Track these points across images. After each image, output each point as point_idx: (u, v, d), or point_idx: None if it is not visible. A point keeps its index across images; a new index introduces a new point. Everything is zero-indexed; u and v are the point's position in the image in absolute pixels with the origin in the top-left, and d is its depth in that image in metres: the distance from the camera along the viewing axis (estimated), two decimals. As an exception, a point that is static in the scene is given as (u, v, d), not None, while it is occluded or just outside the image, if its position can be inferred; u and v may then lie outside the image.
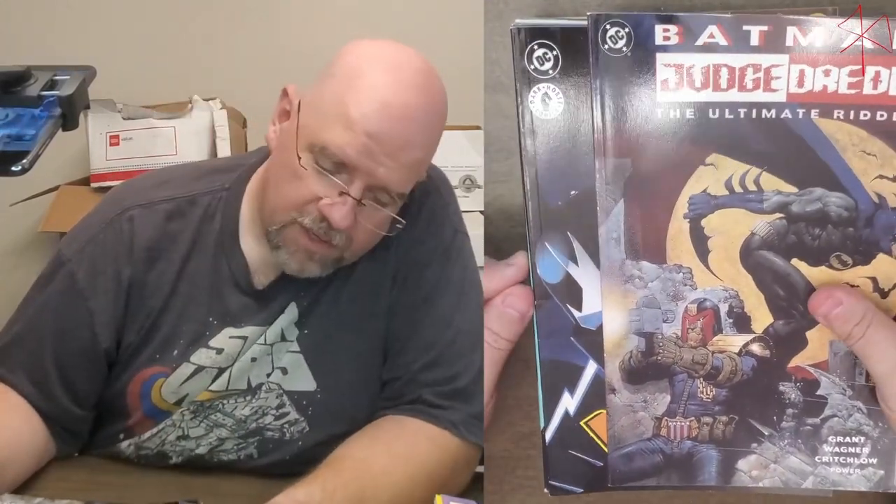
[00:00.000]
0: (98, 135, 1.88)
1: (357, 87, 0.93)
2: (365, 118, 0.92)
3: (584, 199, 0.68)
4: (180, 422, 1.04)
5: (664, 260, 0.69)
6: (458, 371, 1.02)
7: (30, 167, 0.71)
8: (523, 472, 0.78)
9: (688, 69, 0.65)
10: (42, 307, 1.05)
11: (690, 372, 0.72)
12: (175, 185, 1.09)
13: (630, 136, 0.67)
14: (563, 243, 0.70)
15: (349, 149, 0.92)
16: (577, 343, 0.71)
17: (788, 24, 0.63)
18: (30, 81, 0.76)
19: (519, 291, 0.72)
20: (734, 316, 0.70)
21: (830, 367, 0.71)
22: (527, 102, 0.67)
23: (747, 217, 0.68)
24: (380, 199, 0.96)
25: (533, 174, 0.68)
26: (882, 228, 0.67)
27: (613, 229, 0.69)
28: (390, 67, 0.95)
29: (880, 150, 0.65)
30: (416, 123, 0.94)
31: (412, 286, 1.06)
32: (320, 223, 0.95)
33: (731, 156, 0.67)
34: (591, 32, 0.64)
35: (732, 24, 0.64)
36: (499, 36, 0.71)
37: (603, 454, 0.73)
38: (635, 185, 0.68)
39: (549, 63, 0.66)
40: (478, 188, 1.91)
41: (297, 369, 1.04)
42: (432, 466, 0.97)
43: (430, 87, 0.97)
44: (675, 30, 0.64)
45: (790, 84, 0.65)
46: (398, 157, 0.93)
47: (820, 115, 0.65)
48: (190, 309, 1.04)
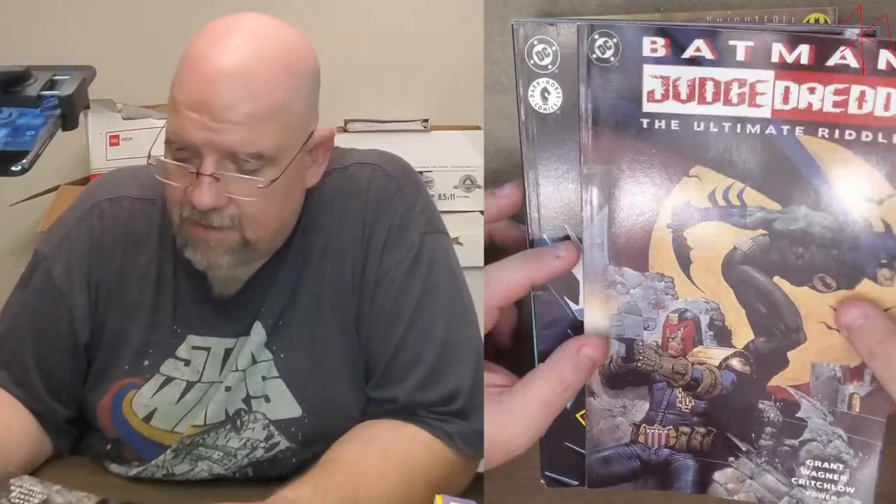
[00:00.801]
0: (98, 135, 1.87)
1: (180, 69, 0.93)
2: (184, 94, 0.91)
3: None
4: (163, 462, 1.02)
5: (647, 268, 0.70)
6: (452, 391, 0.98)
7: (30, 167, 0.72)
8: (523, 472, 0.79)
9: (674, 81, 0.66)
10: (21, 306, 1.05)
11: (670, 381, 0.72)
12: (145, 183, 1.07)
13: (616, 145, 0.68)
14: (562, 236, 0.71)
15: (180, 130, 0.91)
16: (573, 335, 0.72)
17: (774, 41, 0.63)
18: (30, 81, 0.77)
19: (595, 342, 0.71)
20: (714, 329, 0.70)
21: (812, 391, 0.70)
22: (526, 97, 0.68)
23: (730, 231, 0.68)
24: (243, 166, 0.93)
25: (533, 165, 0.70)
26: (867, 253, 0.66)
27: (597, 235, 0.70)
28: (210, 39, 0.93)
29: (865, 171, 0.64)
30: (234, 80, 0.90)
31: (382, 300, 1.01)
32: (193, 210, 0.93)
33: (715, 169, 0.67)
34: (579, 42, 0.66)
35: (719, 38, 0.64)
36: (499, 36, 0.73)
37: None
38: (620, 192, 0.69)
39: (548, 58, 0.67)
40: (478, 188, 1.88)
41: (279, 396, 1.01)
42: (428, 472, 0.95)
43: (255, 43, 0.93)
44: (662, 42, 0.65)
45: (775, 100, 0.64)
46: (226, 117, 0.90)
47: (804, 132, 0.65)
48: (157, 317, 1.03)
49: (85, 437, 1.10)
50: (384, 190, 1.04)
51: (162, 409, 1.03)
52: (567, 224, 0.70)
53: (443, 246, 1.05)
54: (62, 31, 2.04)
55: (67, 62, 0.80)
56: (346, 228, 1.03)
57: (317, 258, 1.03)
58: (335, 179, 1.05)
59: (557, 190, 0.70)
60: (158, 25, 1.99)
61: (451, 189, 1.86)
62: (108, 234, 1.05)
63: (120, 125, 1.88)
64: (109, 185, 1.11)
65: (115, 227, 1.06)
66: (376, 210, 1.03)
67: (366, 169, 1.06)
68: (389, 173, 1.05)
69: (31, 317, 1.05)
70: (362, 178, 1.05)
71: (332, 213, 1.04)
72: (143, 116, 1.89)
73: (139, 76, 1.89)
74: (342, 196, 1.04)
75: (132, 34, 2.03)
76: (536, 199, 0.70)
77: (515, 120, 0.69)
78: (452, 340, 1.00)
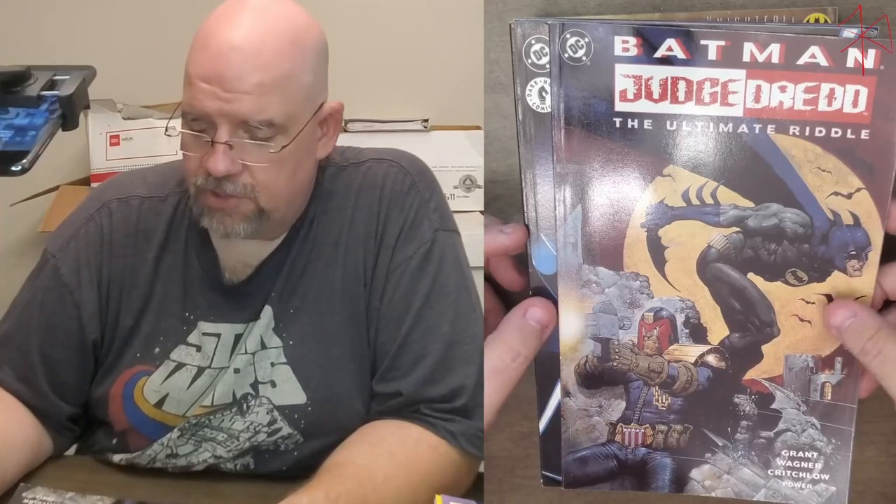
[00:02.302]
0: (98, 135, 1.87)
1: (192, 47, 0.96)
2: (196, 66, 0.95)
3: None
4: (168, 441, 1.04)
5: (621, 267, 0.70)
6: (455, 388, 0.99)
7: (30, 167, 0.72)
8: (523, 471, 0.79)
9: (646, 81, 0.66)
10: (29, 303, 1.07)
11: (646, 379, 0.72)
12: (154, 182, 1.11)
13: (588, 144, 0.68)
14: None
15: (194, 101, 0.95)
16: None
17: (746, 40, 0.64)
18: (30, 81, 0.77)
19: (541, 303, 0.70)
20: (690, 326, 0.71)
21: (785, 382, 0.71)
22: (524, 96, 0.68)
23: (704, 230, 0.69)
24: (255, 133, 0.96)
25: (530, 164, 0.69)
26: (837, 246, 0.67)
27: (571, 234, 0.70)
28: (220, 17, 0.96)
29: (835, 166, 0.65)
30: (242, 52, 0.94)
31: (392, 293, 1.03)
32: (208, 178, 0.96)
33: (688, 168, 0.67)
34: (551, 41, 0.66)
35: (691, 38, 0.65)
36: (499, 36, 0.72)
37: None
38: (593, 191, 0.69)
39: (546, 57, 0.67)
40: (478, 188, 1.89)
41: (286, 382, 1.03)
42: (434, 474, 0.96)
43: (263, 17, 0.96)
44: (633, 41, 0.65)
45: (747, 99, 0.65)
46: (236, 87, 0.93)
47: (776, 130, 0.65)
48: (167, 306, 1.05)
49: (88, 434, 1.10)
50: (399, 185, 1.06)
51: (173, 395, 1.04)
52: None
53: (454, 244, 1.07)
54: (62, 31, 2.02)
55: (67, 62, 0.80)
56: (360, 221, 1.05)
57: (329, 249, 1.05)
58: (351, 173, 1.08)
59: (553, 184, 0.69)
60: (158, 25, 1.98)
61: (451, 189, 1.87)
62: (118, 233, 1.07)
63: (120, 125, 1.88)
64: (118, 185, 1.13)
65: (124, 225, 1.07)
66: (390, 205, 1.05)
67: (382, 164, 1.08)
68: (405, 169, 1.07)
69: (39, 314, 1.06)
70: (378, 173, 1.07)
71: (346, 205, 1.06)
72: (143, 116, 1.88)
73: (139, 76, 1.92)
74: (357, 190, 1.06)
75: (132, 34, 2.02)
76: (534, 198, 0.70)
77: (514, 119, 0.69)
78: (458, 338, 1.01)
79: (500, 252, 0.72)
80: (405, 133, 1.89)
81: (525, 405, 0.77)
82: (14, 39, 1.99)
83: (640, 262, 0.70)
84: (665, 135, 0.67)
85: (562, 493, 0.76)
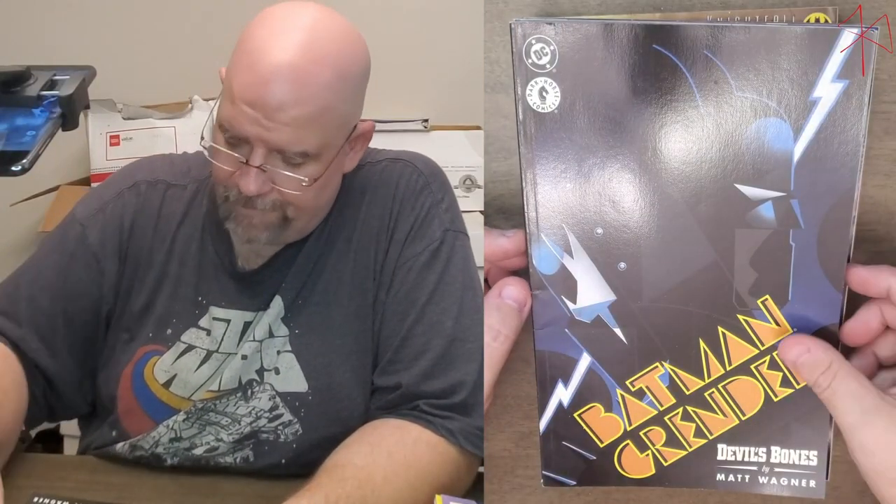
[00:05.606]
0: (98, 135, 1.89)
1: (238, 58, 0.96)
2: (241, 87, 0.95)
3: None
4: (174, 424, 1.06)
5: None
6: (455, 384, 1.01)
7: (30, 167, 0.72)
8: (523, 471, 0.79)
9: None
10: (54, 266, 1.08)
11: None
12: (179, 170, 1.14)
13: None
14: (559, 235, 0.70)
15: (234, 122, 0.96)
16: (571, 335, 0.72)
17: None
18: (30, 81, 0.77)
19: (515, 281, 0.71)
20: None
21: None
22: (524, 96, 0.68)
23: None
24: (289, 160, 0.97)
25: (530, 164, 0.69)
26: None
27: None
28: (271, 31, 0.96)
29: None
30: (286, 82, 0.93)
31: (398, 288, 1.05)
32: (239, 194, 0.99)
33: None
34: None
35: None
36: (499, 36, 0.72)
37: (596, 448, 0.74)
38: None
39: (546, 57, 0.66)
40: (478, 188, 1.91)
41: (289, 370, 1.05)
42: (433, 474, 0.97)
43: (311, 41, 0.96)
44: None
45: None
46: (278, 118, 0.94)
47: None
48: (181, 289, 1.08)
49: (87, 434, 1.12)
50: (413, 185, 1.09)
51: (181, 376, 1.07)
52: (565, 224, 0.69)
53: (463, 245, 1.09)
54: (62, 31, 2.03)
55: (67, 62, 0.80)
56: (373, 219, 1.08)
57: (341, 244, 1.07)
58: (366, 172, 1.11)
59: (555, 189, 0.69)
60: (158, 25, 1.99)
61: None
62: (143, 214, 1.10)
63: (120, 125, 1.89)
64: (147, 167, 1.16)
65: (150, 207, 1.11)
66: (403, 202, 1.08)
67: (397, 164, 1.11)
68: (419, 170, 1.10)
69: (65, 276, 1.08)
70: (392, 172, 1.10)
71: (360, 202, 1.09)
72: (143, 116, 1.89)
73: (139, 76, 1.93)
74: (371, 188, 1.09)
75: (132, 34, 2.03)
76: (534, 198, 0.70)
77: (515, 119, 0.69)
78: (461, 336, 1.03)
79: (501, 256, 0.73)
80: (405, 133, 1.89)
81: (525, 404, 0.77)
82: (14, 39, 2.00)
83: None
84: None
85: (562, 493, 0.76)
